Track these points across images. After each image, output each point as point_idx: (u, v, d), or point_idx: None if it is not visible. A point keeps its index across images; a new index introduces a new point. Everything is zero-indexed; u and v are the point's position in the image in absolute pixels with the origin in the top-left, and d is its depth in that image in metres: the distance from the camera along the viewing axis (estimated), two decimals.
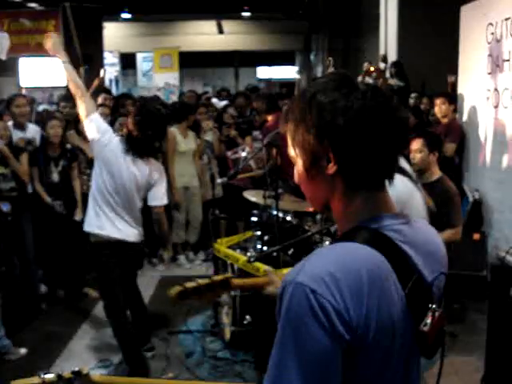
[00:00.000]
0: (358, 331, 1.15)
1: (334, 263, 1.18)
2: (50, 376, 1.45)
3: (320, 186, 1.31)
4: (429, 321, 1.23)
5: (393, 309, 1.20)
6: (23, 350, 4.77)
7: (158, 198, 4.29)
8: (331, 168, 1.26)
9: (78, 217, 5.75)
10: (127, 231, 4.21)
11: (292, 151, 1.34)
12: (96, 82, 8.04)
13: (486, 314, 3.89)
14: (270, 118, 6.36)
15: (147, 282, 6.05)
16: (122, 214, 4.17)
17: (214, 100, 10.09)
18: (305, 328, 1.12)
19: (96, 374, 1.52)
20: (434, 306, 1.25)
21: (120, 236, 4.16)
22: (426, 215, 3.22)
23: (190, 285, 1.90)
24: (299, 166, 1.33)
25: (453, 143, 6.02)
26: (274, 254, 4.27)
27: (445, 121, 6.33)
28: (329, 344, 1.12)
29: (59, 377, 1.45)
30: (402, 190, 2.97)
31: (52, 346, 4.94)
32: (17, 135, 5.79)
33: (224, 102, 9.46)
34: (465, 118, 6.31)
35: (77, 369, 1.47)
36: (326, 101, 1.24)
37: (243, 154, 6.93)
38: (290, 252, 4.60)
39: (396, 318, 1.21)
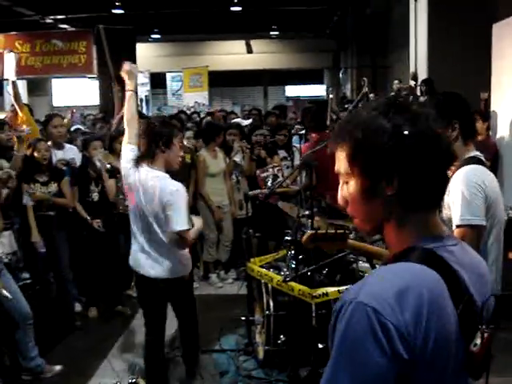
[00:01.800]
0: (416, 351, 1.16)
1: (395, 283, 1.20)
2: None
3: (375, 207, 1.33)
4: (478, 341, 1.25)
5: (449, 330, 1.22)
6: (58, 368, 4.81)
7: None
8: (392, 189, 1.29)
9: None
10: None
11: (347, 169, 1.35)
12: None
13: None
14: (313, 135, 6.25)
15: None
16: None
17: (238, 120, 10.12)
18: (362, 347, 1.14)
19: None
20: (483, 327, 1.26)
21: None
22: (504, 217, 3.28)
23: (320, 231, 2.24)
24: (354, 186, 1.34)
25: (487, 161, 5.96)
26: (309, 273, 4.28)
27: (478, 138, 6.28)
28: (385, 364, 1.13)
29: None
30: (495, 186, 3.10)
31: (86, 363, 4.98)
32: (56, 155, 5.90)
33: (248, 121, 9.53)
34: (498, 135, 6.25)
35: (134, 380, 1.49)
36: (390, 125, 1.28)
37: (274, 173, 6.95)
38: (325, 271, 4.59)
39: (451, 338, 1.23)
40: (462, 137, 3.06)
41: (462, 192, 2.91)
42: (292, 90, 22.90)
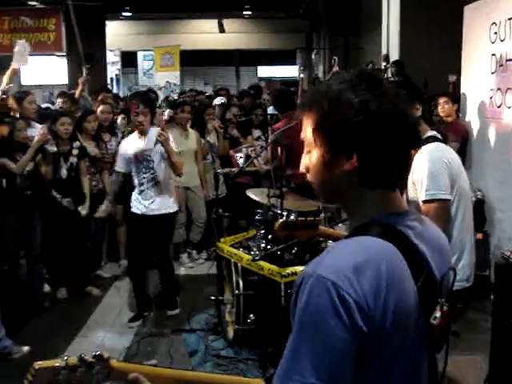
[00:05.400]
0: (376, 324, 1.17)
1: (354, 257, 1.21)
2: (72, 359, 1.44)
3: (334, 180, 1.34)
4: (438, 314, 1.27)
5: (408, 303, 1.23)
6: (26, 348, 4.76)
7: None
8: (350, 165, 1.29)
9: (84, 211, 5.81)
10: None
11: (310, 138, 1.35)
12: (80, 86, 8.03)
13: (489, 313, 3.90)
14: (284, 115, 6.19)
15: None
16: None
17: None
18: (324, 320, 1.15)
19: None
20: (442, 301, 1.29)
21: None
22: (470, 192, 3.44)
23: (291, 218, 2.24)
24: (315, 156, 1.35)
25: (456, 143, 6.03)
26: (278, 252, 4.29)
27: (448, 120, 6.34)
28: (346, 336, 1.14)
29: (81, 360, 1.44)
30: (457, 162, 3.26)
31: (55, 344, 4.93)
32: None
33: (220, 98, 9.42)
34: (468, 117, 6.30)
35: (98, 353, 1.46)
36: (357, 100, 1.27)
37: (247, 153, 6.92)
38: (294, 251, 4.61)
39: (410, 311, 1.24)
40: (423, 119, 3.24)
41: (428, 168, 3.01)
42: (264, 71, 22.79)
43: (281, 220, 2.33)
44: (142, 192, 5.27)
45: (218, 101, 8.59)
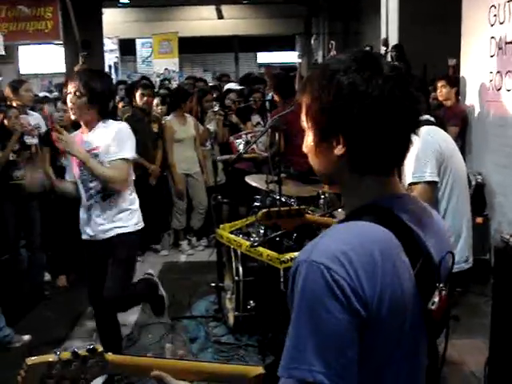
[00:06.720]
0: (372, 309, 1.15)
1: (348, 241, 1.18)
2: (65, 353, 1.42)
3: (327, 163, 1.31)
4: (436, 299, 1.24)
5: (404, 287, 1.21)
6: (27, 337, 4.77)
7: None
8: (339, 150, 1.26)
9: None
10: None
11: (305, 122, 1.34)
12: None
13: (489, 297, 3.89)
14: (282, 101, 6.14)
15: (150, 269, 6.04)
16: None
17: (232, 85, 9.83)
18: (321, 304, 1.13)
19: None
20: (441, 285, 1.26)
21: None
22: (465, 175, 3.43)
23: (273, 208, 2.28)
24: (310, 137, 1.33)
25: (456, 127, 6.00)
26: (277, 238, 4.28)
27: (447, 104, 6.31)
28: (346, 318, 1.12)
29: (75, 354, 1.42)
30: (450, 146, 3.28)
31: (55, 332, 4.95)
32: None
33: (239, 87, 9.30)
34: (467, 101, 6.27)
35: (91, 346, 1.45)
36: (346, 83, 1.23)
37: (247, 139, 6.90)
38: (293, 237, 4.60)
39: (407, 296, 1.22)
40: None
41: (416, 152, 3.01)
42: (264, 57, 22.68)
43: (264, 210, 2.29)
44: (91, 209, 3.83)
45: (232, 86, 8.60)
